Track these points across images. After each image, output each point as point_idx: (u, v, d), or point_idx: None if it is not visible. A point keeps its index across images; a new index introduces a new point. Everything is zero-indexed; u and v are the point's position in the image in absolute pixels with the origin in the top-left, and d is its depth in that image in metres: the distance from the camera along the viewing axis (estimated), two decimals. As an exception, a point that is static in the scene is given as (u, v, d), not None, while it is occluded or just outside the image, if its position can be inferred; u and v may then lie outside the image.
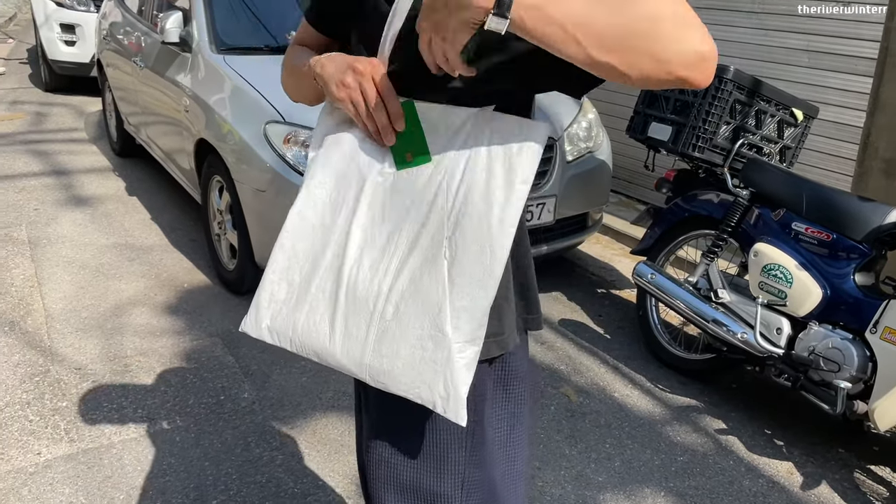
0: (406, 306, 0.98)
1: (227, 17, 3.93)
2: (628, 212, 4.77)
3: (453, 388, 0.97)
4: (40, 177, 5.07)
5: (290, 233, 1.07)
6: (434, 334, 0.97)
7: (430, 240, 0.98)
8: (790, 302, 2.59)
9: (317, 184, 1.07)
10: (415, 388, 0.98)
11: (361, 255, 1.02)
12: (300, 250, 1.06)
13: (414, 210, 0.99)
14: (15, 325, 3.12)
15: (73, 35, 7.53)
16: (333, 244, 1.04)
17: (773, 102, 3.02)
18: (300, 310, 1.05)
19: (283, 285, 1.07)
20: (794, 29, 4.03)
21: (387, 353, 0.99)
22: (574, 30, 0.80)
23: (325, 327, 1.03)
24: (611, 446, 2.58)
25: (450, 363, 0.97)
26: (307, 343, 1.04)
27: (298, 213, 1.07)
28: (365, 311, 1.00)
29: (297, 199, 1.08)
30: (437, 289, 0.97)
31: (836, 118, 3.87)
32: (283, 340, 1.07)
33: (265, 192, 3.11)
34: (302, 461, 2.39)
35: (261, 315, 1.08)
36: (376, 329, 0.99)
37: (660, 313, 3.23)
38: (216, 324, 3.23)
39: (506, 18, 0.80)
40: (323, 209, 1.06)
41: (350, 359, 1.01)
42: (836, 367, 2.44)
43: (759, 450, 2.61)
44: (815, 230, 2.61)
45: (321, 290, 1.04)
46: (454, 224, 0.97)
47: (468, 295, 0.96)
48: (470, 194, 0.96)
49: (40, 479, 2.24)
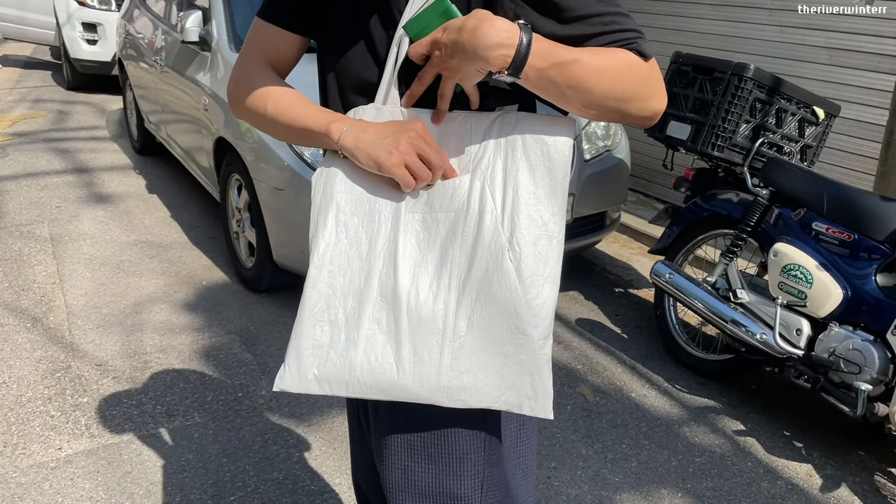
0: (479, 318, 0.97)
1: (247, 16, 3.95)
2: (646, 210, 4.75)
3: (541, 386, 0.98)
4: (62, 174, 5.13)
5: (321, 269, 1.01)
6: (515, 337, 0.97)
7: (488, 247, 0.97)
8: (810, 303, 2.57)
9: (347, 213, 1.01)
10: (501, 395, 0.98)
11: (416, 277, 0.98)
12: (339, 286, 1.00)
13: (461, 221, 0.98)
14: (37, 321, 3.16)
15: (94, 34, 7.62)
16: (378, 273, 0.99)
17: (794, 101, 2.99)
18: (354, 348, 0.99)
19: (326, 328, 1.00)
20: (813, 26, 3.99)
21: (466, 368, 0.97)
22: (567, 91, 0.92)
23: (391, 359, 0.98)
24: (628, 447, 2.57)
25: (535, 362, 0.97)
26: (369, 381, 0.99)
27: (331, 246, 1.01)
28: (434, 333, 0.98)
29: (323, 230, 1.02)
30: (509, 293, 0.97)
31: (857, 116, 3.82)
32: (338, 386, 1.00)
33: (283, 191, 3.13)
34: (318, 458, 2.40)
35: (304, 365, 1.00)
36: (451, 347, 0.97)
37: (678, 313, 3.21)
38: (234, 321, 3.26)
39: (518, 78, 0.90)
40: (357, 239, 1.01)
41: (425, 385, 0.98)
42: (857, 368, 2.41)
43: (778, 451, 2.59)
44: (836, 230, 2.58)
45: (376, 321, 0.99)
46: (510, 226, 0.97)
47: (540, 291, 0.97)
48: (518, 194, 0.97)
49: (61, 473, 2.27)
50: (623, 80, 0.93)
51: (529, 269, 0.96)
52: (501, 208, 0.97)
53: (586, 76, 0.91)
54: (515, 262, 0.96)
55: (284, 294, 3.52)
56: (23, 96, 7.53)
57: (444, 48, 0.90)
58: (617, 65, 0.92)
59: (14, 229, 4.13)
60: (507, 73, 0.89)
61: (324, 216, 1.02)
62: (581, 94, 0.92)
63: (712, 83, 2.93)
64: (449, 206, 0.99)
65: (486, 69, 0.90)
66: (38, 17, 8.36)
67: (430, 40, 0.93)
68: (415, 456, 1.10)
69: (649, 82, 0.95)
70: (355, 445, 1.43)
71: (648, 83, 0.95)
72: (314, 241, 1.02)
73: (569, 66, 0.90)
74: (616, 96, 0.93)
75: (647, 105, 0.96)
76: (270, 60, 1.14)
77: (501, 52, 0.87)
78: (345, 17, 1.05)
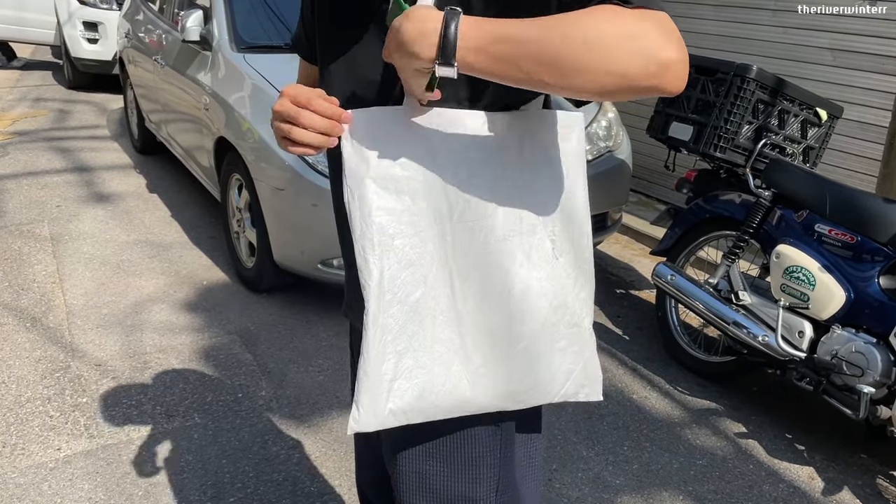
0: (534, 320, 0.98)
1: (248, 16, 3.95)
2: (648, 211, 4.74)
3: (593, 372, 1.03)
4: (62, 173, 5.12)
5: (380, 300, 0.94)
6: (569, 332, 1.00)
7: (536, 249, 0.98)
8: (813, 305, 2.56)
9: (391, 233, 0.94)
10: (559, 389, 1.01)
11: (466, 289, 0.96)
12: (398, 314, 0.95)
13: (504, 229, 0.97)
14: (37, 320, 3.15)
15: (95, 33, 7.61)
16: (431, 292, 0.96)
17: (797, 102, 2.97)
18: (429, 373, 0.96)
19: (392, 359, 0.95)
20: (816, 27, 3.98)
21: (528, 370, 0.99)
22: (527, 65, 0.80)
23: (463, 377, 0.97)
24: (629, 449, 2.56)
25: (588, 350, 1.02)
26: (446, 404, 0.97)
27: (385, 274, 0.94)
28: (498, 343, 0.98)
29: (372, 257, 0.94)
30: (561, 289, 0.99)
31: (860, 118, 3.81)
32: (415, 415, 0.97)
33: (284, 191, 3.12)
34: (318, 460, 2.39)
35: (379, 403, 0.96)
36: (512, 353, 0.98)
37: (679, 315, 3.20)
38: (234, 321, 3.25)
39: (452, 66, 0.81)
40: (408, 260, 0.95)
41: (497, 395, 0.99)
42: (860, 371, 2.40)
43: (780, 454, 2.58)
44: (838, 232, 2.57)
45: (441, 342, 0.96)
46: (551, 223, 0.98)
47: (584, 283, 1.01)
48: (552, 193, 0.98)
49: (60, 474, 2.26)
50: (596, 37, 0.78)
51: (572, 266, 1.00)
52: (543, 206, 0.98)
53: (540, 45, 0.79)
54: (561, 259, 0.99)
55: (285, 294, 3.51)
56: (23, 95, 7.52)
57: (386, 49, 0.86)
58: (588, 22, 0.78)
59: (14, 228, 4.12)
60: (439, 62, 0.81)
61: (370, 241, 0.94)
62: (546, 65, 0.79)
63: (715, 84, 2.92)
64: (483, 213, 0.96)
65: (421, 68, 0.83)
66: (37, 17, 8.34)
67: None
68: (430, 459, 1.09)
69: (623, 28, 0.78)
70: (360, 449, 1.41)
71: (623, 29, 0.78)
72: (367, 270, 0.94)
73: (519, 40, 0.79)
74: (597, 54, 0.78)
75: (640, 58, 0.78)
76: None
77: (427, 42, 0.81)
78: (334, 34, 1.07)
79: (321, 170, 3.03)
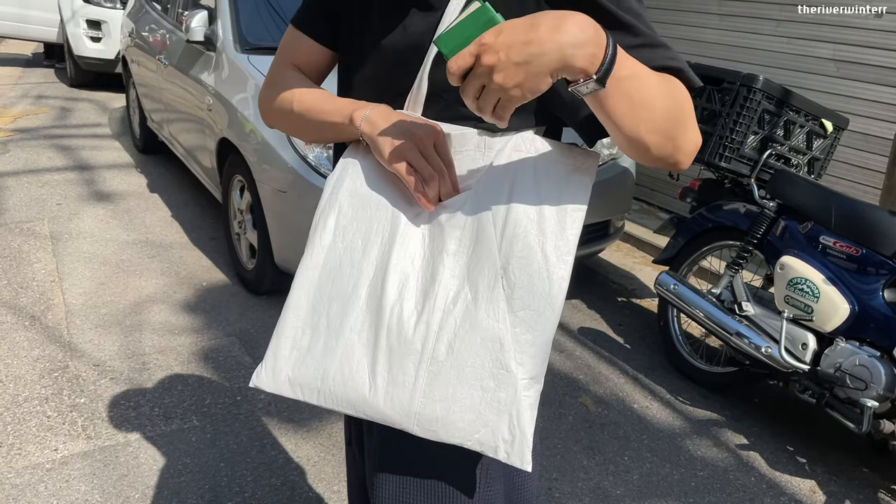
0: (461, 344, 0.90)
1: (252, 17, 3.94)
2: (650, 220, 4.73)
3: (519, 431, 0.89)
4: (63, 172, 5.10)
5: (314, 271, 0.97)
6: (496, 372, 0.89)
7: (483, 272, 0.90)
8: (816, 317, 2.54)
9: (348, 217, 0.97)
10: (474, 433, 0.90)
11: (403, 293, 0.93)
12: (326, 291, 0.96)
13: (456, 240, 0.92)
14: (35, 319, 3.13)
15: (98, 32, 7.60)
16: (366, 283, 0.94)
17: (803, 113, 2.97)
18: (331, 357, 0.94)
19: (308, 331, 0.96)
20: (821, 38, 3.97)
21: (440, 397, 0.90)
22: (638, 108, 0.81)
23: (364, 375, 0.92)
24: (629, 459, 2.54)
25: (515, 402, 0.89)
26: (340, 394, 0.94)
27: (326, 249, 0.97)
28: (412, 354, 0.91)
29: (321, 232, 0.98)
30: (496, 323, 0.90)
31: (864, 129, 3.81)
32: (309, 393, 0.95)
33: (286, 193, 3.11)
34: (317, 465, 2.37)
35: (280, 365, 0.96)
36: (427, 372, 0.90)
37: (681, 324, 3.18)
38: (234, 323, 3.23)
39: (604, 86, 0.77)
40: (353, 244, 0.96)
41: (395, 408, 0.92)
42: (863, 384, 2.39)
43: (782, 467, 2.57)
44: (843, 244, 2.56)
45: (356, 332, 0.94)
46: (507, 253, 0.90)
47: (531, 328, 0.89)
48: (520, 222, 0.90)
49: (56, 475, 2.24)
50: (680, 106, 0.84)
51: (522, 302, 0.89)
52: (501, 234, 0.90)
53: (656, 93, 0.81)
54: (508, 290, 0.90)
55: (285, 297, 3.46)
56: (25, 92, 7.51)
57: (502, 51, 0.74)
58: (673, 86, 0.84)
59: (14, 226, 4.10)
60: (595, 77, 0.75)
61: (325, 217, 0.98)
62: (650, 113, 0.81)
63: (721, 93, 2.91)
64: (447, 223, 0.93)
65: (566, 74, 0.76)
66: (40, 15, 8.34)
67: (476, 49, 0.76)
68: (408, 487, 1.04)
69: (692, 114, 0.87)
70: (350, 471, 1.39)
71: (692, 114, 0.87)
72: (311, 241, 0.98)
73: (641, 78, 0.80)
74: (676, 121, 0.84)
75: (694, 137, 0.87)
76: (299, 68, 1.12)
77: (589, 52, 0.74)
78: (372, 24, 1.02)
79: (324, 172, 3.02)
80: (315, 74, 1.13)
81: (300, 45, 1.11)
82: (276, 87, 1.10)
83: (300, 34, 1.11)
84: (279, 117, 1.11)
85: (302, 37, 1.11)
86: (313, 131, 1.06)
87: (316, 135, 1.07)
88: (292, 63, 1.12)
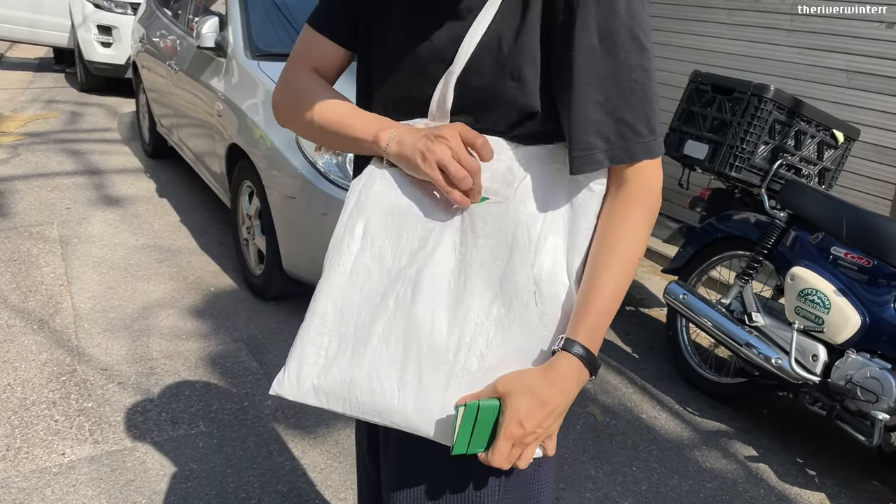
0: (494, 358, 0.90)
1: (263, 23, 3.95)
2: (659, 229, 4.70)
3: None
4: (73, 176, 5.12)
5: (341, 278, 0.95)
6: None
7: (516, 286, 0.90)
8: (827, 328, 2.53)
9: (376, 225, 0.95)
10: None
11: (434, 302, 0.92)
12: (354, 299, 0.95)
13: (490, 251, 0.92)
14: (44, 323, 3.14)
15: (109, 37, 7.64)
16: (395, 292, 0.93)
17: (814, 123, 2.96)
18: (358, 365, 0.93)
19: (335, 338, 0.94)
20: (832, 48, 3.96)
21: None
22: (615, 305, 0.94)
23: (393, 383, 0.92)
24: (638, 469, 2.52)
25: None
26: (368, 402, 0.93)
27: (354, 256, 0.95)
28: (444, 364, 0.91)
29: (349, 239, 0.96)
30: (528, 339, 0.90)
31: (875, 140, 3.79)
32: (335, 401, 0.94)
33: (295, 199, 3.11)
34: (324, 472, 2.36)
35: (304, 374, 0.95)
36: (458, 383, 0.91)
37: (690, 334, 3.17)
38: (242, 329, 3.23)
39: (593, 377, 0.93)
40: (382, 253, 0.95)
41: (424, 417, 0.92)
42: (874, 397, 2.37)
43: (791, 479, 2.55)
44: (854, 255, 2.54)
45: (384, 341, 0.92)
46: (539, 268, 0.90)
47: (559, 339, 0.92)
48: (552, 237, 0.91)
49: (63, 479, 2.23)
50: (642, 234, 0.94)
51: (553, 318, 0.91)
52: (535, 248, 0.91)
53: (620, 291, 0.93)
54: (541, 306, 0.90)
55: (292, 302, 3.49)
56: (36, 97, 7.55)
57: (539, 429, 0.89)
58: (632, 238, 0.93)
59: (24, 230, 4.12)
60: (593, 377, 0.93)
61: (352, 224, 0.96)
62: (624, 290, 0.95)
63: (731, 103, 2.90)
64: (481, 233, 0.92)
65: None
66: (52, 20, 8.40)
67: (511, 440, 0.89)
68: (425, 499, 1.04)
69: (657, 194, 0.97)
70: (361, 482, 1.38)
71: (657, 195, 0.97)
72: (338, 248, 0.96)
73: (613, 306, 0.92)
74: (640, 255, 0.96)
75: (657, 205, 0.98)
76: (316, 69, 1.11)
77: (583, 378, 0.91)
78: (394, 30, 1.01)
79: (333, 178, 3.02)
80: (331, 73, 1.12)
81: (317, 44, 1.10)
82: (293, 91, 1.09)
83: (316, 34, 1.10)
84: (295, 121, 1.10)
85: (318, 36, 1.10)
86: (334, 143, 1.06)
87: (336, 146, 1.06)
88: (309, 63, 1.11)
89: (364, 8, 1.05)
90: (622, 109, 0.90)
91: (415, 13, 0.98)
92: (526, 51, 0.91)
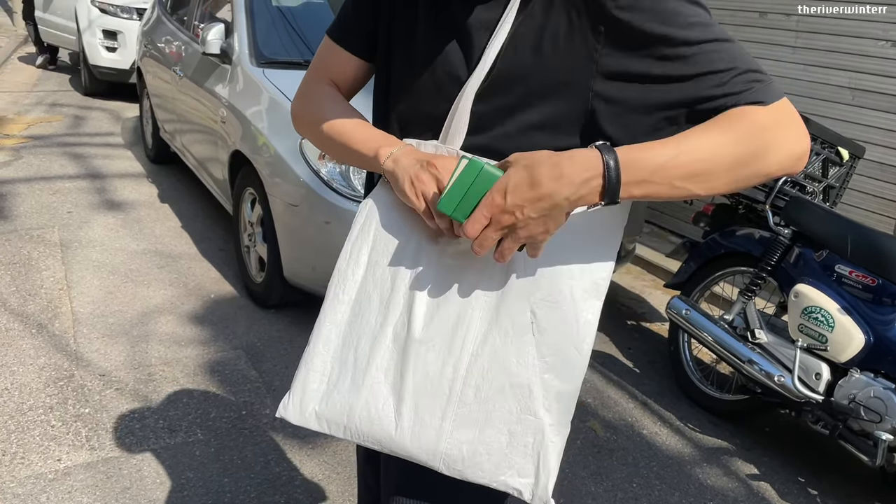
0: (490, 389, 0.90)
1: (268, 31, 3.95)
2: (661, 243, 4.70)
3: (544, 474, 0.90)
4: (75, 180, 5.11)
5: (346, 305, 0.96)
6: (524, 417, 0.90)
7: (513, 315, 0.89)
8: (831, 347, 2.51)
9: (379, 252, 0.96)
10: (500, 475, 0.91)
11: (430, 332, 0.91)
12: (356, 326, 0.95)
13: (487, 282, 0.91)
14: (43, 327, 3.12)
15: (114, 41, 7.65)
16: (393, 321, 0.93)
17: (819, 140, 2.95)
18: (356, 394, 0.93)
19: (337, 365, 0.95)
20: (837, 66, 3.96)
21: (467, 439, 0.90)
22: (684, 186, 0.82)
23: (390, 414, 0.92)
24: (638, 486, 2.50)
25: (542, 447, 0.90)
26: (366, 431, 0.93)
27: (358, 284, 0.96)
28: (440, 396, 0.91)
29: (354, 266, 0.97)
30: (525, 370, 0.89)
31: (880, 158, 3.78)
32: (335, 428, 0.95)
33: (298, 207, 3.10)
34: (321, 483, 2.34)
35: (307, 399, 0.96)
36: (454, 414, 0.91)
37: (692, 350, 3.15)
38: (241, 336, 3.21)
39: (616, 202, 0.82)
40: (383, 281, 0.95)
41: (422, 447, 0.91)
42: (878, 417, 2.35)
43: (792, 498, 2.52)
44: (859, 274, 2.53)
45: (382, 371, 0.93)
46: (537, 296, 0.89)
47: (559, 375, 0.89)
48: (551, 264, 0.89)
49: (59, 486, 2.21)
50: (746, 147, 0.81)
51: (551, 348, 0.89)
52: (533, 276, 0.89)
53: (703, 157, 0.80)
54: (539, 335, 0.89)
55: (293, 311, 3.48)
56: (40, 100, 7.55)
57: (517, 211, 0.80)
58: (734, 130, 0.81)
59: (24, 233, 4.10)
60: (604, 203, 0.81)
61: (357, 251, 0.97)
62: (701, 182, 0.82)
63: (737, 119, 2.89)
64: (477, 262, 0.91)
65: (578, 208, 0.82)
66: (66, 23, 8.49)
67: (488, 212, 0.81)
68: None
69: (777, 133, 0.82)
70: (361, 492, 1.37)
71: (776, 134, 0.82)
72: (343, 274, 0.97)
73: (671, 165, 0.80)
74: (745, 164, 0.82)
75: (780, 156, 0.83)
76: (334, 80, 1.12)
77: (593, 184, 0.79)
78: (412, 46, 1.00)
79: (336, 187, 3.01)
80: (350, 85, 1.13)
81: (335, 56, 1.11)
82: (310, 102, 1.11)
83: (336, 46, 1.10)
84: (309, 131, 1.12)
85: (338, 49, 1.10)
86: (339, 155, 1.07)
87: (341, 158, 1.07)
88: (327, 74, 1.12)
89: (384, 22, 1.05)
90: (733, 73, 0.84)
91: (433, 30, 0.98)
92: (540, 72, 0.90)
